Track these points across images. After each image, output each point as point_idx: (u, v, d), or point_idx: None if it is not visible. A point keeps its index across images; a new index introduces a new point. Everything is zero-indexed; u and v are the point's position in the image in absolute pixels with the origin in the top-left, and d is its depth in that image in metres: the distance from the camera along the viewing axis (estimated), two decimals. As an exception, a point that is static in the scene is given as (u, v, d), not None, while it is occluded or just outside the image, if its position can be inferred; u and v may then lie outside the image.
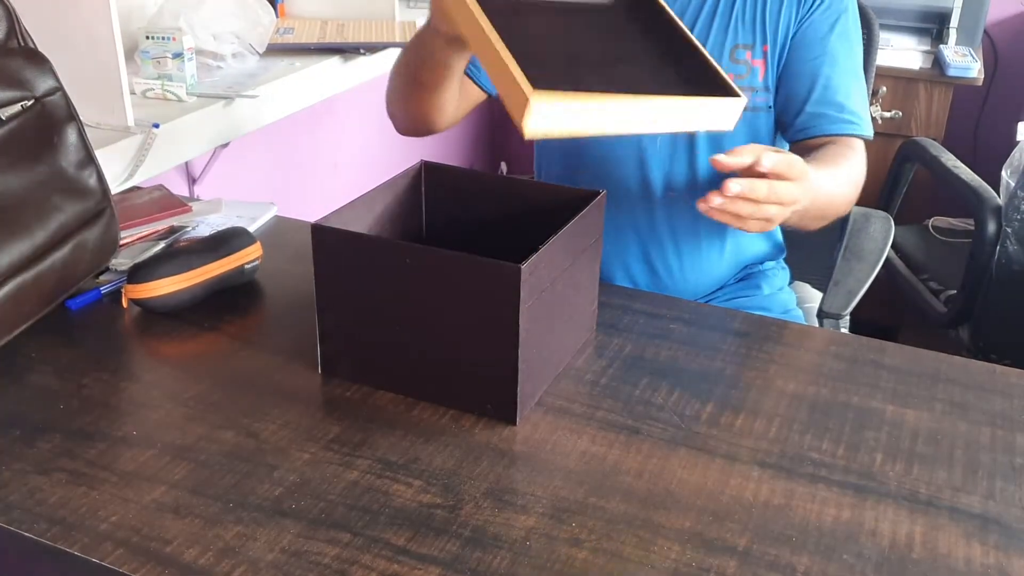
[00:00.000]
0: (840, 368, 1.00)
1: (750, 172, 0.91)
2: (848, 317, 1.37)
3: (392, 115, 1.28)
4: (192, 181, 1.84)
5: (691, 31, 1.21)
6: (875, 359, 1.02)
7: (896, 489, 0.82)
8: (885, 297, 2.04)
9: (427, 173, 1.08)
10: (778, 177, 0.91)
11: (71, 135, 1.04)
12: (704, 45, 1.20)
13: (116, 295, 1.09)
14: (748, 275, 1.38)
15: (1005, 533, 0.77)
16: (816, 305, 1.43)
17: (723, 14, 1.22)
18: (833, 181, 1.11)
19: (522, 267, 0.82)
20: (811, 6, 1.22)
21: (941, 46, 2.43)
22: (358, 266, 0.90)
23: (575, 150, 1.31)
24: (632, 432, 0.88)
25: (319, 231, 0.90)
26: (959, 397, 0.95)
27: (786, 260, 1.44)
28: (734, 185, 0.88)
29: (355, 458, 0.83)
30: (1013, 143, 1.92)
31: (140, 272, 1.05)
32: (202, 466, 0.82)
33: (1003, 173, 1.89)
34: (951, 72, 2.31)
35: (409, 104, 1.20)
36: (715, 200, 0.89)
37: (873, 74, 1.50)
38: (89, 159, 1.06)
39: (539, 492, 0.79)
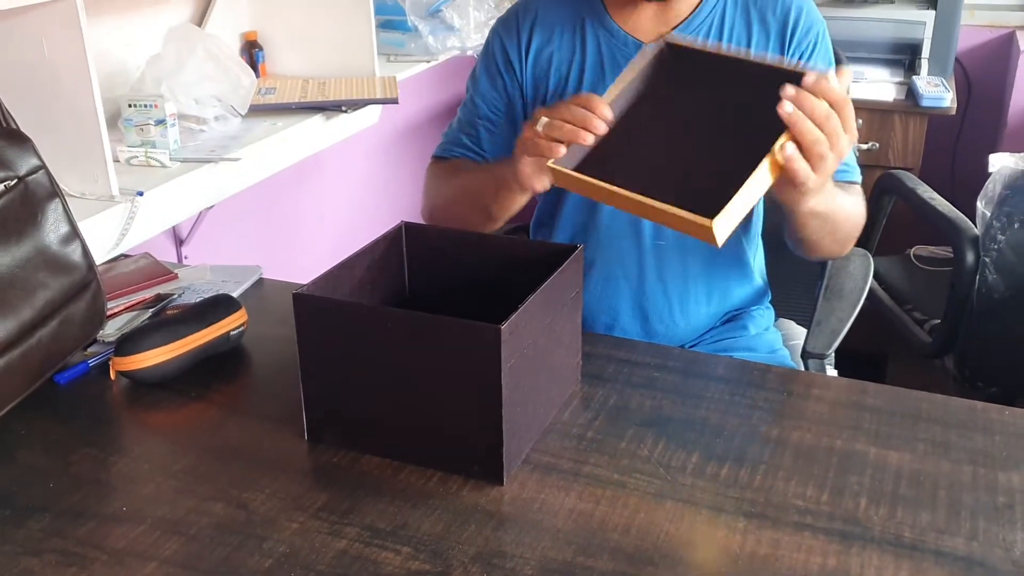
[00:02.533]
0: (822, 411, 1.01)
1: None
2: (833, 355, 1.38)
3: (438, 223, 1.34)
4: (179, 243, 1.86)
5: None
6: (857, 400, 1.03)
7: (881, 534, 0.82)
8: (873, 327, 2.06)
9: (407, 234, 1.09)
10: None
11: (55, 211, 1.05)
12: None
13: (104, 366, 1.10)
14: (734, 317, 1.40)
15: (989, 575, 0.78)
16: (801, 342, 1.44)
17: None
18: (845, 197, 1.17)
19: (502, 328, 0.84)
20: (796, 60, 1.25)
21: (914, 77, 2.47)
22: (340, 333, 0.91)
23: (574, 205, 1.33)
24: (619, 487, 0.89)
25: (300, 300, 0.91)
26: (941, 436, 0.96)
27: (771, 300, 1.45)
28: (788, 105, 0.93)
29: (343, 526, 0.83)
30: (988, 172, 1.95)
31: (127, 344, 1.06)
32: (192, 540, 0.83)
33: (978, 204, 1.92)
34: (925, 102, 2.35)
35: (472, 225, 1.26)
36: (787, 106, 0.93)
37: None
38: (73, 234, 1.07)
39: (527, 554, 0.80)
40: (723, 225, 0.92)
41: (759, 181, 0.95)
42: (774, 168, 0.96)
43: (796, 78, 0.96)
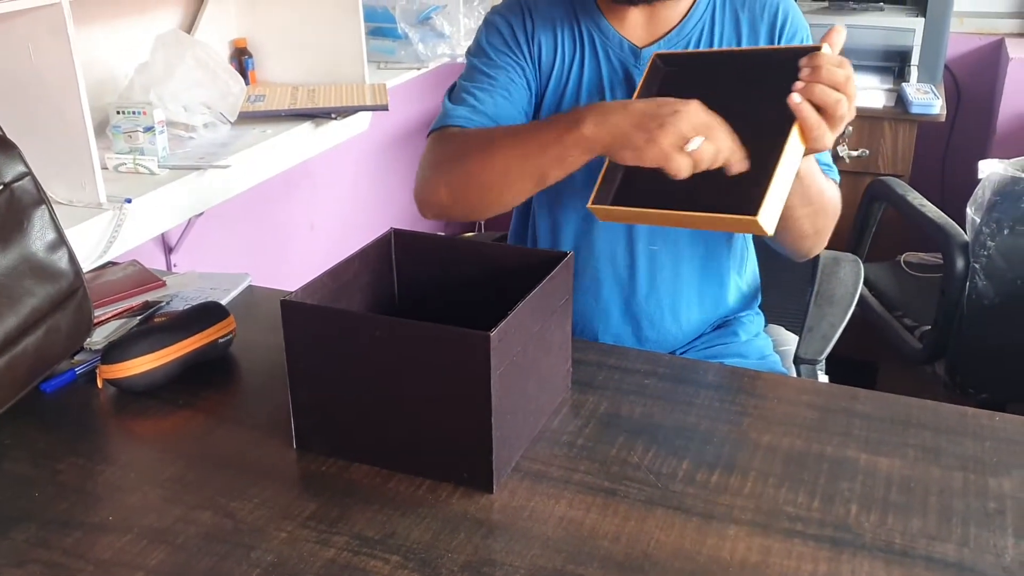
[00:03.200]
0: (813, 417, 1.01)
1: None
2: (824, 361, 1.38)
3: (445, 207, 1.21)
4: (168, 251, 1.85)
5: None
6: (847, 407, 1.03)
7: (871, 540, 0.82)
8: (863, 333, 2.06)
9: (397, 240, 1.09)
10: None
11: (41, 218, 1.05)
12: None
13: (91, 375, 1.09)
14: (725, 322, 1.39)
15: (980, 581, 0.78)
16: (792, 348, 1.44)
17: None
18: (824, 179, 1.17)
19: (491, 335, 0.83)
20: None
21: (903, 84, 2.48)
22: (329, 340, 0.91)
23: (559, 208, 1.32)
24: (609, 494, 0.88)
25: (289, 307, 0.91)
26: (931, 442, 0.96)
27: (760, 305, 1.45)
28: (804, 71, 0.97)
29: (332, 535, 0.83)
30: (977, 179, 1.95)
31: (114, 352, 1.05)
32: (179, 549, 0.82)
33: (968, 210, 1.93)
34: (914, 109, 2.36)
35: (506, 193, 1.15)
36: (795, 97, 0.96)
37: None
38: (60, 241, 1.06)
39: (517, 562, 0.79)
40: (767, 215, 0.94)
41: (790, 160, 0.97)
42: (797, 144, 0.98)
43: (792, 57, 0.98)
